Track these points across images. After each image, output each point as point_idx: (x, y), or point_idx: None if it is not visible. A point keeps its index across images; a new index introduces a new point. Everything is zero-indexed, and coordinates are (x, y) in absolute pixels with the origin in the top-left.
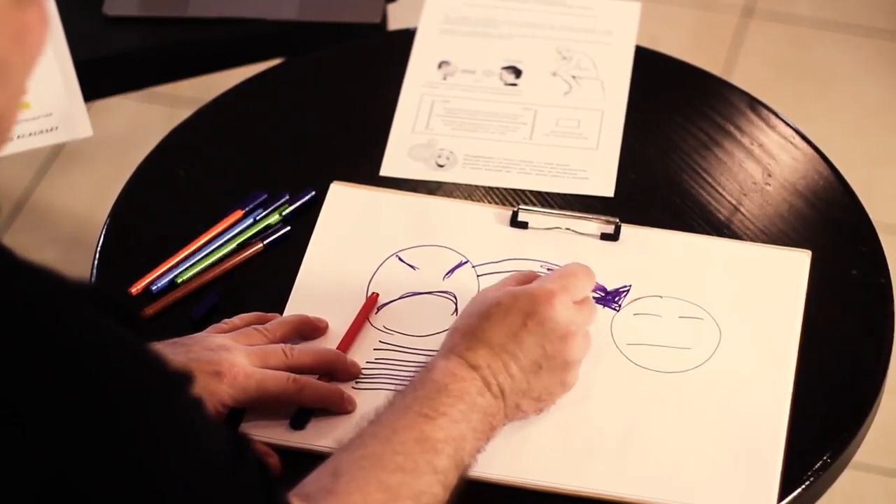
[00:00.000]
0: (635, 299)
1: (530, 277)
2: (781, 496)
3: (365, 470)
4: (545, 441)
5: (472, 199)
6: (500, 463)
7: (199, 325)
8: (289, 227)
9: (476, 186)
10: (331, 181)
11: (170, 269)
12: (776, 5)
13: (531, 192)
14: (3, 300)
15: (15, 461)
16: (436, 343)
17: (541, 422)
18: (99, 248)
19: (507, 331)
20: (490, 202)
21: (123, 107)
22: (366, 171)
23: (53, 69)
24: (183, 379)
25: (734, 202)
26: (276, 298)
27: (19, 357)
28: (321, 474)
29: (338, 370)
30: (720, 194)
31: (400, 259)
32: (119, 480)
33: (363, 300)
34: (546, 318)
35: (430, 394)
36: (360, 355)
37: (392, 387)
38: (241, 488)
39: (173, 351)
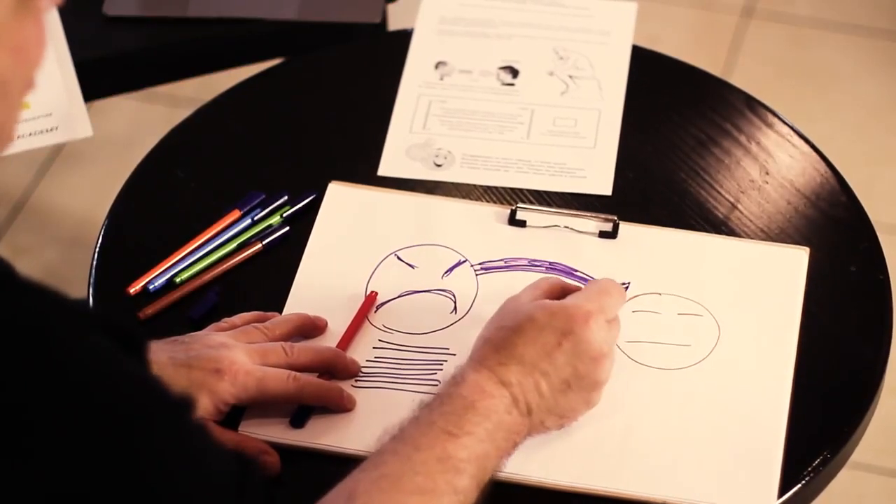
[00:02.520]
0: (634, 297)
1: (557, 286)
2: (781, 492)
3: (383, 492)
4: (545, 438)
5: (471, 199)
6: None
7: (199, 325)
8: (288, 227)
9: (474, 186)
10: (329, 181)
11: (167, 269)
12: (776, 5)
13: (529, 190)
14: (6, 324)
15: (20, 488)
16: (435, 341)
17: None
18: (98, 248)
19: (540, 349)
20: (488, 201)
21: (123, 107)
22: (364, 170)
23: (53, 69)
24: (185, 403)
25: (732, 200)
26: (275, 298)
27: (22, 382)
28: (337, 496)
29: (337, 368)
30: (718, 192)
31: (398, 258)
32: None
33: (362, 299)
34: (581, 339)
35: (456, 410)
36: (360, 354)
37: (391, 385)
38: None
39: (173, 349)
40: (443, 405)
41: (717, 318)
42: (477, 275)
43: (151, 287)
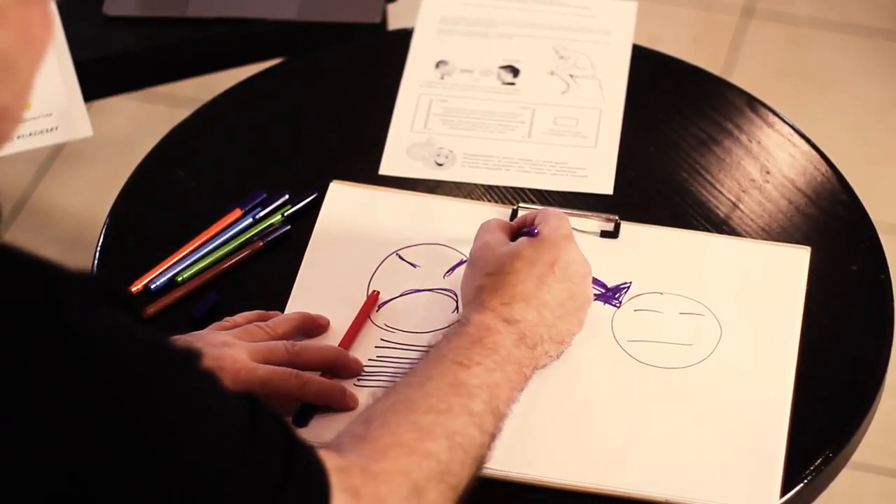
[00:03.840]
0: (636, 296)
1: (506, 226)
2: (783, 491)
3: (397, 413)
4: (547, 436)
5: (472, 198)
6: (502, 458)
7: (201, 324)
8: (289, 226)
9: (475, 185)
10: (330, 180)
11: (169, 268)
12: (776, 5)
13: (530, 190)
14: (5, 296)
15: (25, 461)
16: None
17: (543, 417)
18: (99, 248)
19: (536, 281)
20: (489, 200)
21: (123, 107)
22: (365, 170)
23: (53, 69)
24: (189, 356)
25: (733, 199)
26: (277, 297)
27: (24, 354)
28: (353, 424)
29: (340, 367)
30: (719, 192)
31: (400, 257)
32: (134, 471)
33: (364, 298)
34: (569, 262)
35: (464, 344)
36: (362, 353)
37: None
38: (262, 454)
39: None
40: (450, 341)
41: (719, 318)
42: None
43: (153, 286)
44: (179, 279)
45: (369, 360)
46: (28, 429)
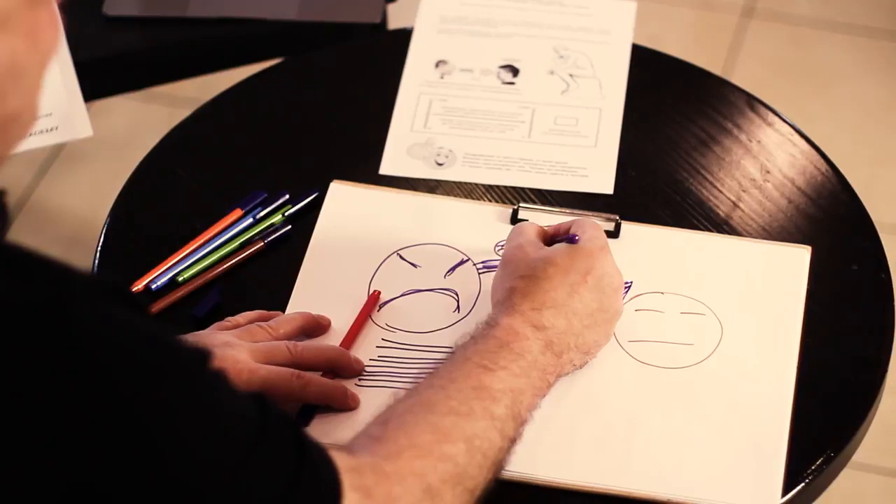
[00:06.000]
0: (636, 296)
1: (541, 231)
2: (785, 490)
3: (415, 414)
4: (549, 437)
5: (472, 198)
6: None
7: (202, 324)
8: (290, 226)
9: (475, 185)
10: (330, 180)
11: (169, 268)
12: (776, 5)
13: (531, 189)
14: (14, 297)
15: (38, 459)
16: (438, 340)
17: (545, 417)
18: (99, 248)
19: (568, 289)
20: (490, 200)
21: (123, 107)
22: (365, 170)
23: (53, 69)
24: (200, 356)
25: (733, 199)
26: (278, 297)
27: (35, 352)
28: (372, 424)
29: (341, 367)
30: (719, 191)
31: (401, 257)
32: (145, 469)
33: (365, 298)
34: (603, 273)
35: (491, 348)
36: (363, 353)
37: (395, 384)
38: (273, 452)
39: None
40: (476, 344)
41: (720, 317)
42: (479, 273)
43: (154, 286)
44: (180, 279)
45: (370, 359)
46: (41, 427)
